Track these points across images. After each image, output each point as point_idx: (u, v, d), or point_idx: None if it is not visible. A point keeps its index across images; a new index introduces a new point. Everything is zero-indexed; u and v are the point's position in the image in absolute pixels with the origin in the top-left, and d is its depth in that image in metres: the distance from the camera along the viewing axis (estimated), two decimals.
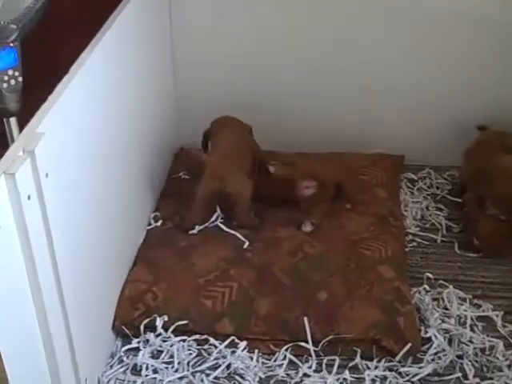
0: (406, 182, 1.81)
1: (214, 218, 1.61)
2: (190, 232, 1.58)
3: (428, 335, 1.37)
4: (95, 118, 1.24)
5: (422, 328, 1.38)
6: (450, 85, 1.79)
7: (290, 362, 1.34)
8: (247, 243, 1.54)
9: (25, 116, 1.09)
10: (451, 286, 1.48)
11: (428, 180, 1.82)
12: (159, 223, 1.61)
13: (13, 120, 1.45)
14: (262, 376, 1.31)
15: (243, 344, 1.35)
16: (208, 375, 1.31)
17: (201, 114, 1.73)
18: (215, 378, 1.30)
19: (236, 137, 1.64)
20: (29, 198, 0.92)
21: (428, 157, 1.86)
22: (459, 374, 1.30)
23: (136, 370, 1.33)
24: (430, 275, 1.51)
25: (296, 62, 1.79)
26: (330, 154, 1.80)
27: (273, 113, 1.74)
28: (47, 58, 1.64)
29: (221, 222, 1.60)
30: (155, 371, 1.32)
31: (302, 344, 1.35)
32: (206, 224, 1.60)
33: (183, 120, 1.88)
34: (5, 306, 0.91)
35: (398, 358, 1.32)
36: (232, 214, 1.59)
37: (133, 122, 1.48)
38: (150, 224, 1.62)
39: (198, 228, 1.59)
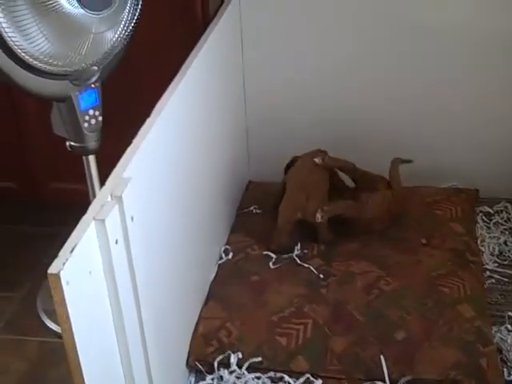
0: (481, 216, 1.76)
1: (296, 252, 1.61)
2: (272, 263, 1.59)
3: (511, 378, 1.32)
4: (174, 159, 1.26)
5: (505, 370, 1.32)
6: None
7: None
8: (321, 279, 1.52)
9: (108, 158, 1.11)
10: None
11: (505, 214, 1.76)
12: (230, 255, 1.62)
13: (91, 158, 1.51)
14: None
15: (319, 382, 1.33)
16: None
17: (270, 147, 1.73)
18: None
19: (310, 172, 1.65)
20: (116, 242, 0.94)
21: (504, 189, 1.80)
22: None
23: None
24: None
25: (369, 96, 1.79)
26: (404, 187, 1.77)
27: (346, 148, 1.72)
28: (128, 100, 1.68)
29: (296, 255, 1.60)
30: None
31: None
32: (285, 256, 1.60)
33: (253, 154, 1.89)
34: (91, 348, 0.92)
35: None
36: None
37: (208, 160, 1.50)
38: (221, 258, 1.62)
39: (271, 262, 1.59)
